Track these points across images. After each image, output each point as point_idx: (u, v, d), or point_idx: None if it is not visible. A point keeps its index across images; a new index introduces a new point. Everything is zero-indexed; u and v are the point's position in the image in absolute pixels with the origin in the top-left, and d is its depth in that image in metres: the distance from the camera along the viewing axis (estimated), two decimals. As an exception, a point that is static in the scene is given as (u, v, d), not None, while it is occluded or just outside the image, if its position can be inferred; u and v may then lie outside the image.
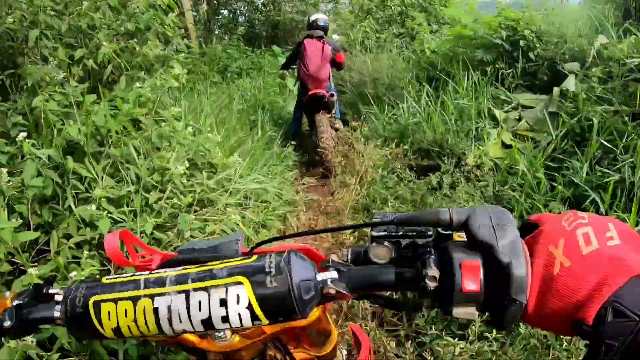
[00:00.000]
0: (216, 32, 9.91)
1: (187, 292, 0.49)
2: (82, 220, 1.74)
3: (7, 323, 0.54)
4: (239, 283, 0.48)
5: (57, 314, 0.54)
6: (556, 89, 3.69)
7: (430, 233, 0.53)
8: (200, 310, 0.49)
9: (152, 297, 0.50)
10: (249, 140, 4.06)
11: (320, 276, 0.50)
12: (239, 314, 0.48)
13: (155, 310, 0.50)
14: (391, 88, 5.71)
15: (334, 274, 0.50)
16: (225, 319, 0.49)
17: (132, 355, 1.50)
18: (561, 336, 1.63)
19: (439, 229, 0.51)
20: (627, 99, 3.13)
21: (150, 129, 2.20)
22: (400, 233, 0.53)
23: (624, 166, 2.55)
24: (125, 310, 0.50)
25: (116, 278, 0.54)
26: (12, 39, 2.33)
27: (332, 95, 4.51)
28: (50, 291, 0.58)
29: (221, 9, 10.49)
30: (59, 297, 0.55)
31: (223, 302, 0.48)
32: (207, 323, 0.49)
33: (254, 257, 0.51)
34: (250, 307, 0.48)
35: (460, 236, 0.50)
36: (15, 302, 0.56)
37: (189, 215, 2.03)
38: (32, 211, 1.74)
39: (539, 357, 1.66)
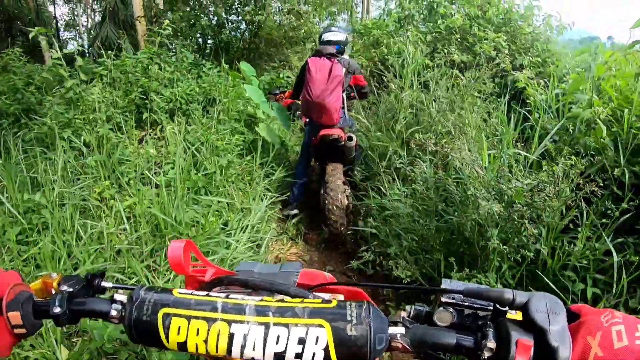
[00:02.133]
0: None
1: (267, 325, 0.52)
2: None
3: (57, 310, 0.56)
4: (321, 326, 0.52)
5: (114, 312, 0.58)
6: None
7: (490, 308, 0.56)
8: (277, 344, 0.52)
9: (229, 322, 0.53)
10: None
11: (392, 330, 0.55)
12: (314, 354, 0.51)
13: (231, 336, 0.52)
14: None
15: (402, 330, 0.56)
16: (299, 355, 0.51)
17: None
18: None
19: (498, 306, 0.54)
20: None
21: None
22: (466, 303, 0.57)
23: None
24: (198, 329, 0.53)
25: (189, 294, 0.57)
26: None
27: (350, 138, 3.21)
28: (103, 284, 0.63)
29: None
30: (120, 297, 0.59)
31: (301, 341, 0.52)
32: (280, 356, 0.52)
33: (334, 302, 0.55)
34: (326, 349, 0.51)
35: (511, 313, 0.55)
36: (65, 288, 0.59)
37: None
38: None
39: None
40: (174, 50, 4.58)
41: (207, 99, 4.05)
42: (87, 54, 11.73)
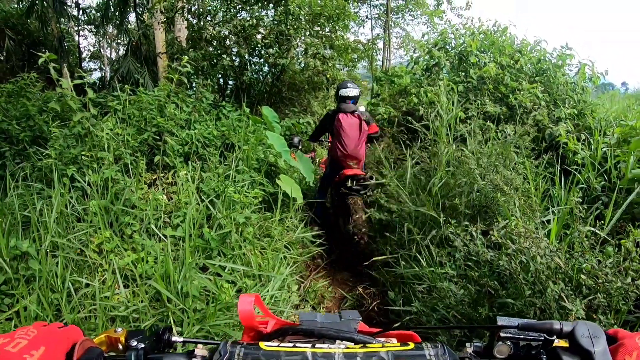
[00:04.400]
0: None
1: None
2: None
3: None
4: None
5: None
6: None
7: (541, 338, 0.63)
8: None
9: None
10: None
11: None
12: None
13: None
14: None
15: None
16: None
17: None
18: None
19: (547, 336, 0.63)
20: None
21: None
22: (521, 336, 0.64)
23: None
24: None
25: (277, 347, 0.58)
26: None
27: (371, 177, 3.62)
28: (174, 339, 0.65)
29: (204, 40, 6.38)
30: (200, 352, 0.60)
31: None
32: None
33: (412, 345, 0.59)
34: None
35: (557, 342, 0.63)
36: (135, 344, 0.60)
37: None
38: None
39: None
40: (194, 89, 4.35)
41: (225, 144, 3.76)
42: (108, 86, 11.76)
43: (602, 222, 2.44)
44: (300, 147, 4.96)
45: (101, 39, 19.68)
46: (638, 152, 3.21)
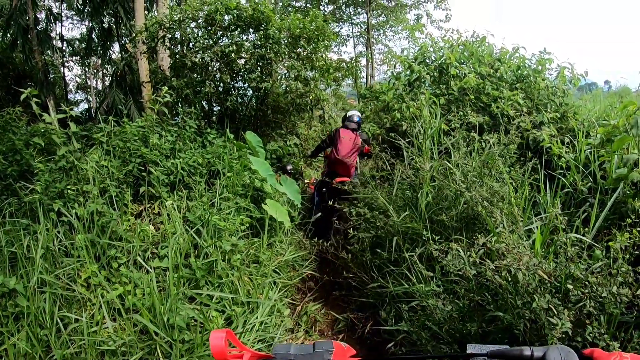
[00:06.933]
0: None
1: None
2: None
3: None
4: None
5: None
6: None
7: None
8: None
9: None
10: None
11: None
12: None
13: None
14: None
15: None
16: None
17: None
18: None
19: None
20: None
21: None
22: None
23: None
24: None
25: None
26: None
27: (355, 185, 4.25)
28: None
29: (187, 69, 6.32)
30: None
31: None
32: None
33: None
34: None
35: None
36: None
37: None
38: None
39: None
40: (181, 117, 4.37)
41: (211, 171, 3.76)
42: (94, 117, 11.76)
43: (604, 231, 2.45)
44: (290, 172, 5.06)
45: (86, 70, 19.75)
46: (621, 151, 3.23)
